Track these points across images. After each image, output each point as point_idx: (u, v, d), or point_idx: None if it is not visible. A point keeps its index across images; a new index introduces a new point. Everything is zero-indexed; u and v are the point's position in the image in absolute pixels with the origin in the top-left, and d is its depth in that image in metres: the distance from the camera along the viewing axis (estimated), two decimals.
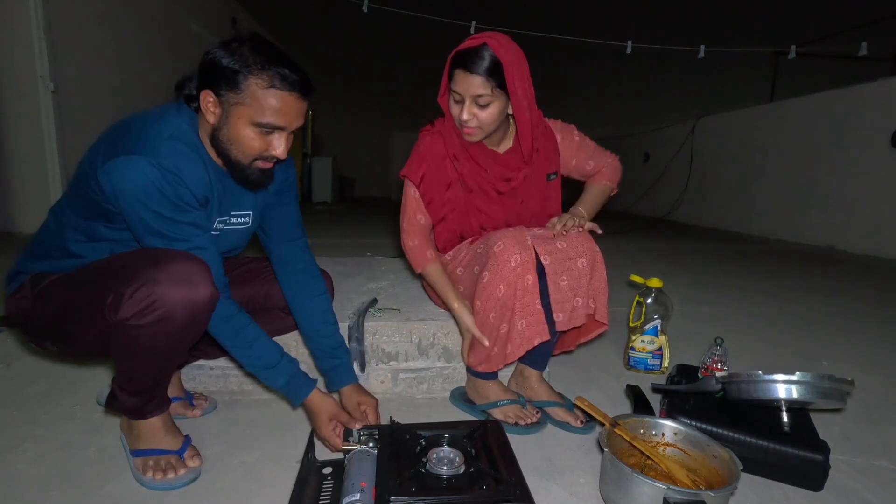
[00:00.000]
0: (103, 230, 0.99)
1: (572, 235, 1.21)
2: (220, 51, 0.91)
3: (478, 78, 1.13)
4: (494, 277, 1.17)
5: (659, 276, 1.72)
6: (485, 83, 1.14)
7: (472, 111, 1.18)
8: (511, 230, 1.21)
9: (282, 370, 1.04)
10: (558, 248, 1.18)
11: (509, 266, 1.15)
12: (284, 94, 0.91)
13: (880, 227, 4.58)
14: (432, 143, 1.31)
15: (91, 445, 1.11)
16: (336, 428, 1.06)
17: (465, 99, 1.17)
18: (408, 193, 1.34)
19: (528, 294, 1.16)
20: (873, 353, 1.94)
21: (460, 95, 1.17)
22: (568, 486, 1.03)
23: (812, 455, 1.03)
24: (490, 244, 1.20)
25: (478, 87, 1.14)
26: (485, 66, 1.13)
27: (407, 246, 1.35)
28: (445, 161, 1.31)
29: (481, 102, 1.16)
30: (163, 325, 0.87)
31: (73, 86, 4.02)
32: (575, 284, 1.20)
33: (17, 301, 1.01)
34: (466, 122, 1.19)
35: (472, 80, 1.14)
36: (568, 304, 1.19)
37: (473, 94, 1.15)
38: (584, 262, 1.20)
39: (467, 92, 1.16)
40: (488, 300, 1.19)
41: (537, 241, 1.18)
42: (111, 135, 0.95)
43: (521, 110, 1.20)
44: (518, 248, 1.15)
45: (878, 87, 4.71)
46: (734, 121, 6.58)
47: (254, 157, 0.96)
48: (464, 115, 1.18)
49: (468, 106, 1.17)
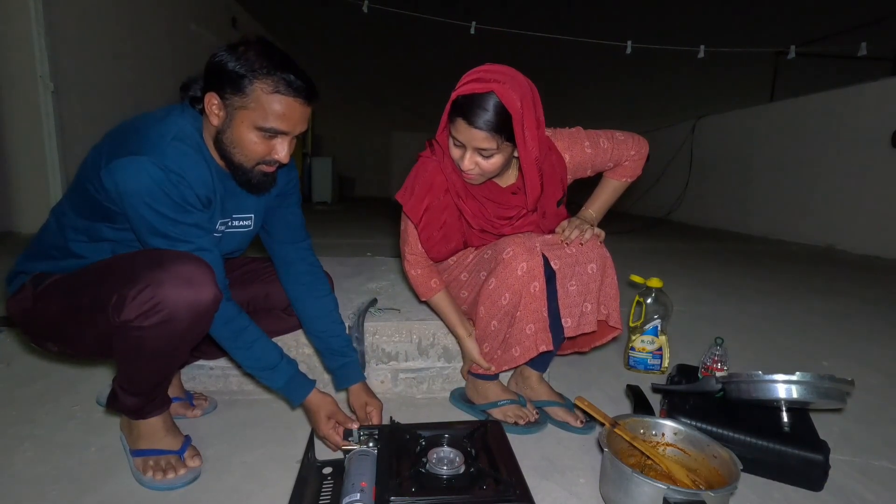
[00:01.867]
0: (105, 230, 0.99)
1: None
2: (227, 54, 0.91)
3: (482, 133, 1.02)
4: (501, 285, 1.15)
5: (659, 276, 1.72)
6: (489, 138, 1.03)
7: (475, 160, 1.07)
8: (520, 236, 1.18)
9: (281, 371, 1.04)
10: (567, 253, 1.17)
11: (516, 274, 1.13)
12: (289, 99, 0.91)
13: (880, 227, 4.58)
14: (433, 176, 1.19)
15: (91, 445, 1.11)
16: (335, 427, 1.06)
17: (466, 147, 1.07)
18: (408, 223, 1.26)
19: (536, 301, 1.14)
20: (873, 353, 1.94)
21: (461, 143, 1.07)
22: (568, 486, 1.03)
23: (812, 455, 1.03)
24: (499, 250, 1.18)
25: (481, 141, 1.03)
26: (490, 122, 1.01)
27: (410, 275, 1.30)
28: (448, 196, 1.21)
29: (485, 154, 1.06)
30: (166, 327, 0.87)
31: (73, 86, 4.03)
32: (584, 290, 1.18)
33: (18, 301, 1.01)
34: (469, 170, 1.09)
35: (475, 134, 1.02)
36: (577, 308, 1.18)
37: (477, 147, 1.05)
38: (593, 267, 1.18)
39: (469, 143, 1.05)
40: (492, 307, 1.18)
41: (546, 246, 1.16)
42: (115, 135, 0.95)
43: (528, 161, 1.09)
44: (526, 255, 1.13)
45: (878, 87, 4.71)
46: (734, 121, 6.59)
47: (257, 160, 0.97)
48: (465, 163, 1.08)
49: (470, 156, 1.07)
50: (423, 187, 1.20)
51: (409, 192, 1.22)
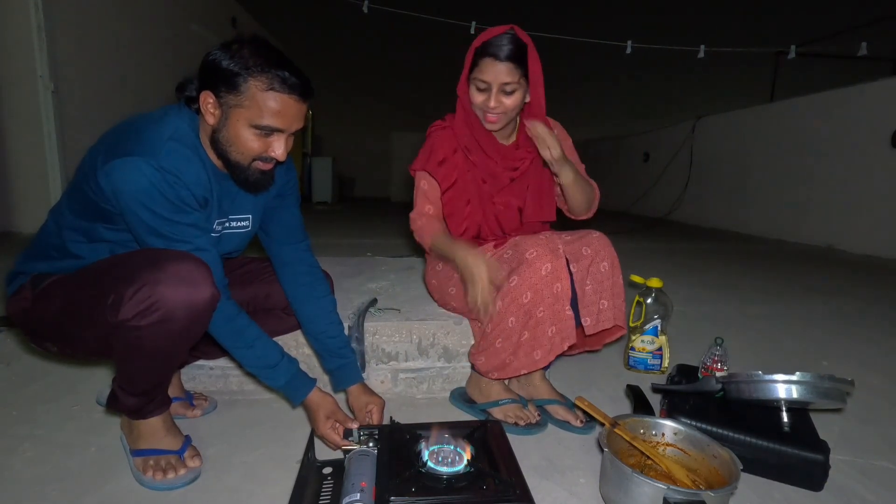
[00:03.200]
0: (103, 231, 0.99)
1: (594, 239, 1.22)
2: (221, 52, 0.91)
3: (508, 65, 1.18)
4: (523, 283, 1.16)
5: (659, 276, 1.72)
6: (513, 70, 1.19)
7: (500, 98, 1.22)
8: (541, 237, 1.20)
9: (282, 370, 1.05)
10: (583, 255, 1.20)
11: (539, 274, 1.15)
12: (284, 96, 0.91)
13: (880, 227, 4.58)
14: (443, 138, 1.35)
15: (91, 445, 1.11)
16: (333, 426, 1.06)
17: (492, 87, 1.21)
18: (419, 186, 1.37)
19: (559, 301, 1.16)
20: (873, 353, 1.94)
21: (486, 83, 1.21)
22: (568, 486, 1.03)
23: (812, 455, 1.03)
24: (521, 250, 1.19)
25: (506, 74, 1.19)
26: (513, 53, 1.18)
27: (416, 225, 1.36)
28: (457, 154, 1.35)
29: (508, 90, 1.21)
30: (164, 326, 0.87)
31: (73, 86, 4.03)
32: (599, 288, 1.21)
33: (17, 302, 1.01)
34: (494, 108, 1.23)
35: (502, 68, 1.19)
36: (594, 307, 1.21)
37: (501, 82, 1.20)
38: (605, 265, 1.21)
39: (496, 80, 1.20)
40: (512, 304, 1.18)
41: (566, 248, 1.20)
42: (111, 136, 0.95)
43: (538, 88, 1.26)
44: (551, 256, 1.15)
45: (878, 87, 4.71)
46: (734, 121, 6.58)
47: (253, 157, 0.96)
48: (491, 102, 1.22)
49: (495, 94, 1.22)
50: (433, 147, 1.36)
51: (421, 155, 1.38)
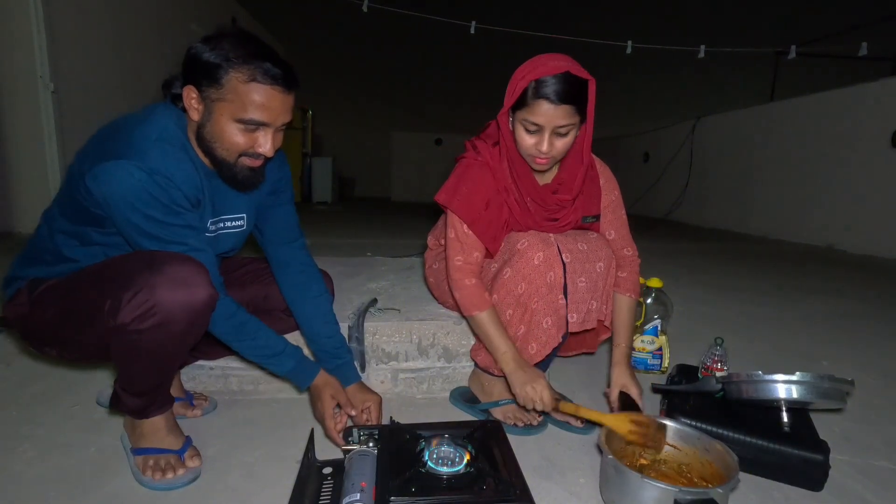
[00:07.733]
0: (95, 235, 0.97)
1: (592, 239, 1.21)
2: (202, 45, 0.89)
3: (565, 108, 1.04)
4: (516, 275, 1.16)
5: (659, 276, 1.72)
6: (571, 113, 1.06)
7: (552, 141, 1.09)
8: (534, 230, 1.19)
9: (288, 355, 1.06)
10: (580, 249, 1.18)
11: (532, 263, 1.14)
12: (266, 88, 0.89)
13: (880, 227, 4.58)
14: (482, 176, 1.20)
15: (91, 445, 1.11)
16: (335, 415, 1.08)
17: (544, 130, 1.07)
18: (458, 227, 1.21)
19: (552, 291, 1.15)
20: (873, 353, 1.94)
21: (538, 126, 1.07)
22: (568, 486, 1.03)
23: (812, 455, 1.03)
24: (513, 242, 1.19)
25: (564, 117, 1.05)
26: (572, 95, 1.04)
27: (462, 285, 1.20)
28: (499, 196, 1.21)
29: (562, 132, 1.08)
30: (163, 329, 0.86)
31: (73, 86, 4.02)
32: (592, 287, 1.20)
33: (14, 307, 1.00)
34: (546, 153, 1.10)
35: (560, 111, 1.05)
36: (584, 305, 1.20)
37: (557, 126, 1.06)
38: (601, 266, 1.20)
39: (550, 123, 1.06)
40: (507, 296, 1.18)
41: (559, 239, 1.18)
42: (98, 139, 0.93)
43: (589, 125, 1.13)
44: (542, 245, 1.14)
45: (878, 87, 4.71)
46: (734, 121, 6.58)
47: (238, 153, 0.94)
48: (544, 146, 1.08)
49: (548, 137, 1.08)
50: (474, 185, 1.19)
51: (453, 191, 1.20)
